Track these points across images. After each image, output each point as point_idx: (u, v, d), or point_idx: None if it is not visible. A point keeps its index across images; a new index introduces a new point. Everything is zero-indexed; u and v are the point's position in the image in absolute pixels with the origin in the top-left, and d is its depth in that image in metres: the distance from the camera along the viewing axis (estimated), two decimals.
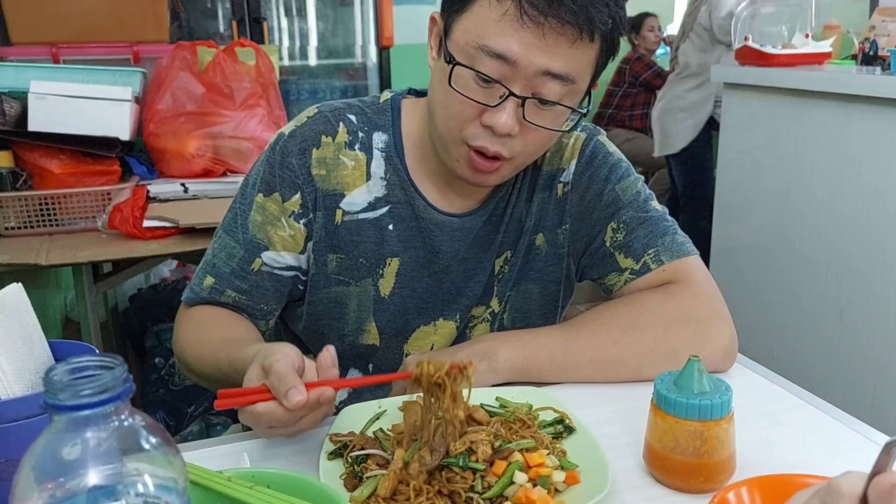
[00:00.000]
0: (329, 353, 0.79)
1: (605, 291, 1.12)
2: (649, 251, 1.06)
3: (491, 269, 1.10)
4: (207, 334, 1.02)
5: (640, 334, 1.00)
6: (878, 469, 0.54)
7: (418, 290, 1.08)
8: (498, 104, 0.90)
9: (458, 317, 1.10)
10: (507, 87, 0.89)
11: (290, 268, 1.06)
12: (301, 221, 1.04)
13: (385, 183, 1.06)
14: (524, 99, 0.90)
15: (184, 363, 1.05)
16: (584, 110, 0.96)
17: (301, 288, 1.09)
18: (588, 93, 0.97)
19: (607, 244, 1.08)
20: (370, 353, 1.11)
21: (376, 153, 1.06)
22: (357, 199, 1.05)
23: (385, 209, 1.06)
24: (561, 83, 0.90)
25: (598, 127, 1.15)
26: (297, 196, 1.03)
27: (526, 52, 0.87)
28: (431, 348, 1.11)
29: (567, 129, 0.97)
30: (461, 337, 1.12)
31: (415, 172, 1.06)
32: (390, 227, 1.06)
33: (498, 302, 1.12)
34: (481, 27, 0.88)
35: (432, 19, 0.98)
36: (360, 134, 1.06)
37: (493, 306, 1.12)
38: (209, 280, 1.05)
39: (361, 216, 1.05)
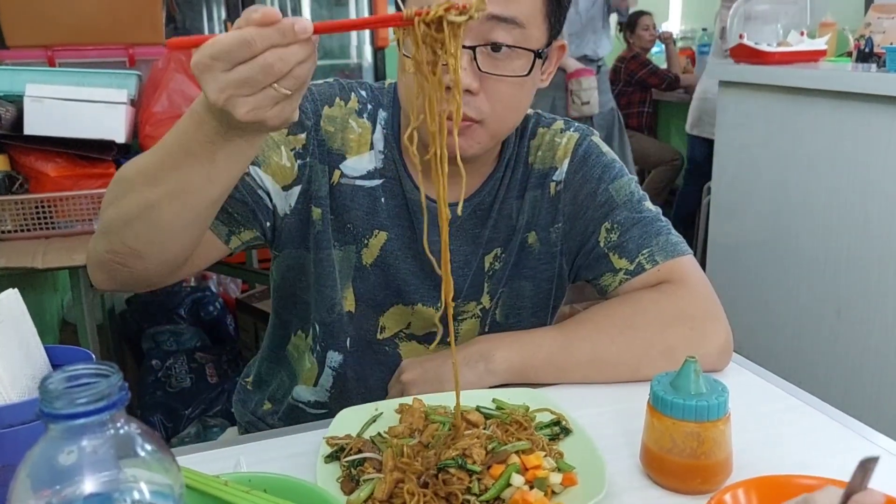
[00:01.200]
0: None
1: (600, 292, 1.12)
2: (643, 251, 1.07)
3: (480, 266, 1.10)
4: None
5: (637, 334, 1.00)
6: (853, 488, 0.54)
7: (401, 270, 1.09)
8: None
9: (438, 305, 1.09)
10: None
11: (267, 193, 1.01)
12: (298, 161, 1.03)
13: (383, 157, 1.07)
14: (474, 48, 0.91)
15: (119, 183, 0.89)
16: (540, 50, 0.96)
17: (268, 225, 1.04)
18: (549, 43, 0.98)
19: (601, 245, 1.08)
20: (347, 323, 1.11)
21: (378, 127, 1.08)
22: (357, 164, 1.06)
23: (379, 182, 1.07)
24: (508, 27, 0.91)
25: (590, 128, 1.15)
26: (303, 136, 1.03)
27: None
28: (408, 326, 1.12)
29: (526, 73, 0.96)
30: (445, 327, 1.10)
31: (405, 154, 1.07)
32: (382, 199, 1.07)
33: (489, 298, 1.12)
34: None
35: (396, 6, 0.98)
36: (369, 106, 1.08)
37: (484, 303, 1.12)
38: None
39: (358, 182, 1.06)
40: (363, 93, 1.09)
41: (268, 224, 1.05)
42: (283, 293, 1.17)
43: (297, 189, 1.04)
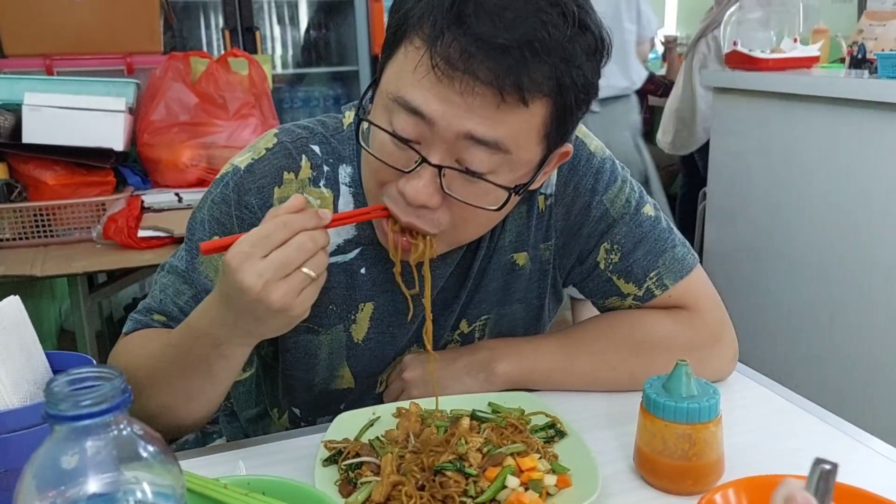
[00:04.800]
0: None
1: (604, 311, 1.07)
2: (651, 274, 1.01)
3: (468, 296, 1.03)
4: (155, 335, 0.93)
5: (641, 361, 0.98)
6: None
7: (397, 336, 1.00)
8: (412, 170, 0.78)
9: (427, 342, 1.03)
10: (420, 154, 0.77)
11: None
12: None
13: (355, 223, 0.95)
14: (442, 168, 0.77)
15: (135, 384, 0.93)
16: (520, 190, 0.81)
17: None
18: (540, 166, 0.82)
19: (602, 266, 1.01)
20: (344, 396, 1.05)
21: (343, 189, 0.94)
22: None
23: (356, 252, 0.95)
24: (489, 151, 0.76)
25: None
26: None
27: (442, 110, 0.74)
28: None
29: (497, 208, 0.81)
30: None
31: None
32: (362, 270, 0.96)
33: (467, 324, 1.04)
34: (401, 76, 0.77)
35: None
36: (325, 167, 0.94)
37: (462, 328, 1.04)
38: (159, 317, 0.95)
39: (330, 261, 0.91)
40: (315, 149, 0.94)
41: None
42: (288, 379, 1.06)
43: None
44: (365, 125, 0.85)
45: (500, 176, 0.79)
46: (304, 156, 0.93)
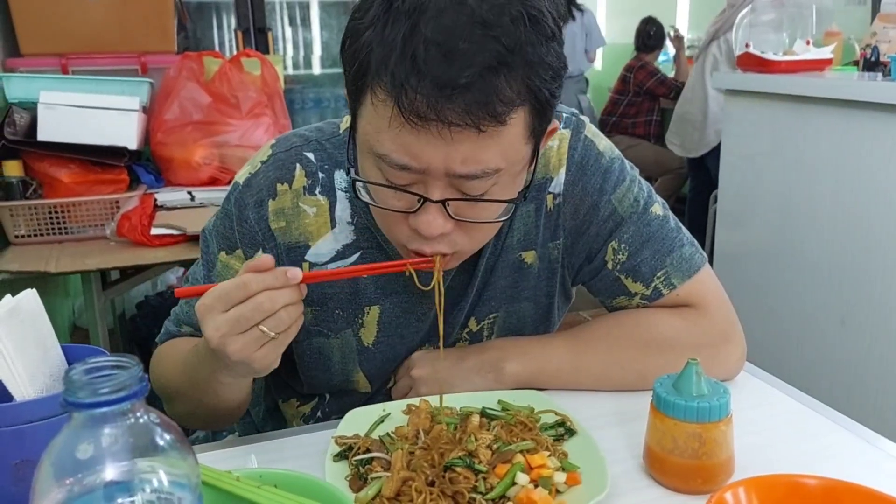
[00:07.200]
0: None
1: (612, 310, 1.07)
2: (658, 274, 1.01)
3: (476, 294, 1.04)
4: (181, 346, 0.99)
5: (649, 360, 0.98)
6: None
7: (406, 336, 1.02)
8: (417, 209, 0.79)
9: (439, 343, 1.04)
10: (420, 195, 0.78)
11: None
12: None
13: (353, 228, 0.96)
14: (444, 202, 0.79)
15: (160, 388, 1.02)
16: (525, 193, 0.84)
17: None
18: (535, 155, 0.83)
19: (609, 265, 1.02)
20: (361, 398, 1.06)
21: (340, 195, 0.96)
22: (323, 249, 0.96)
23: (356, 256, 0.97)
24: (483, 177, 0.77)
25: (579, 116, 1.03)
26: (260, 253, 0.95)
27: (428, 157, 0.75)
28: None
29: (508, 217, 0.84)
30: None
31: None
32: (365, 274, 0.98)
33: (476, 322, 1.05)
34: (376, 130, 0.76)
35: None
36: (321, 174, 0.96)
37: (471, 326, 1.05)
38: (187, 328, 1.02)
39: (331, 266, 0.97)
40: (310, 156, 0.96)
41: None
42: (308, 382, 1.08)
43: None
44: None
45: (502, 188, 0.80)
46: (297, 164, 0.96)
